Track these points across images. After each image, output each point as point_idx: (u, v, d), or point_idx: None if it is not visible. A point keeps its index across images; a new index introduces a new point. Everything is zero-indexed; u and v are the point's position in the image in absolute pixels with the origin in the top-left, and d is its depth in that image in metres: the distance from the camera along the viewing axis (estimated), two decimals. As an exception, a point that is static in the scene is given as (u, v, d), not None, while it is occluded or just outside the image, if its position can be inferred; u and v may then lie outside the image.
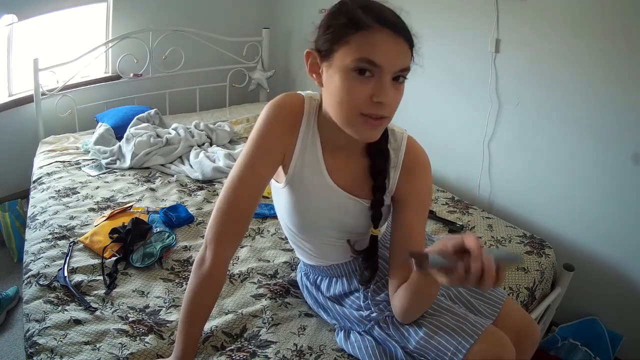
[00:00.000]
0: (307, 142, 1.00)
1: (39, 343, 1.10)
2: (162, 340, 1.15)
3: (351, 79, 0.84)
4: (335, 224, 1.07)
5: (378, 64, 0.82)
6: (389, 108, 0.85)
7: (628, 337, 1.78)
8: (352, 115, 0.86)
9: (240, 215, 0.98)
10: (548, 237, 1.85)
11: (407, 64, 0.85)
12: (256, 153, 0.96)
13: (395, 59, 0.83)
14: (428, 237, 1.32)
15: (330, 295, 1.19)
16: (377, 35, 0.81)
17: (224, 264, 1.00)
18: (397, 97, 0.86)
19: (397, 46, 0.82)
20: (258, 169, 0.97)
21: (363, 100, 0.84)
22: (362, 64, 0.82)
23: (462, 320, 1.01)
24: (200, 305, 0.99)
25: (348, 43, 0.83)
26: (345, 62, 0.83)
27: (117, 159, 2.12)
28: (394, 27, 0.81)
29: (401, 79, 0.85)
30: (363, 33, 0.82)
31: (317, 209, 1.05)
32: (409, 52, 0.84)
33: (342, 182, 1.02)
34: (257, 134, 0.96)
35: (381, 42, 0.81)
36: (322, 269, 1.19)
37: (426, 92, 2.28)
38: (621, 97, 1.64)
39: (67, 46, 2.47)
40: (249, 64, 3.00)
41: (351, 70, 0.83)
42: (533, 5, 1.81)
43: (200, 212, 1.75)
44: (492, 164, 2.13)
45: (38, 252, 1.45)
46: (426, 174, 1.03)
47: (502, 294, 1.17)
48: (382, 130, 0.90)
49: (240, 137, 2.50)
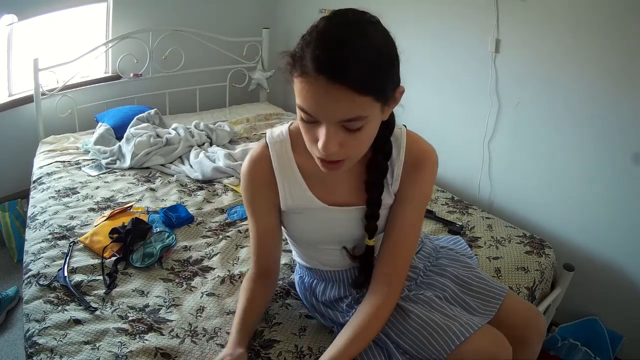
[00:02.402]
0: (289, 181, 1.02)
1: (39, 343, 1.10)
2: (161, 336, 1.15)
3: (301, 120, 0.82)
4: (334, 238, 1.09)
5: (312, 115, 0.77)
6: (340, 154, 0.81)
7: (628, 337, 1.78)
8: (311, 152, 0.87)
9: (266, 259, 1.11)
10: (548, 237, 1.85)
11: (352, 114, 0.75)
12: (252, 211, 1.07)
13: (331, 111, 0.75)
14: (425, 236, 1.31)
15: (325, 300, 1.18)
16: (312, 84, 0.74)
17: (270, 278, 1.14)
18: (349, 144, 0.79)
19: (335, 96, 0.73)
20: (260, 220, 1.07)
21: (312, 143, 0.83)
22: (301, 112, 0.79)
23: (451, 320, 1.01)
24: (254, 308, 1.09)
25: (294, 83, 0.79)
26: (296, 100, 0.80)
27: (117, 159, 2.12)
28: (333, 75, 0.71)
29: (355, 126, 0.77)
30: (301, 79, 0.76)
31: (316, 228, 1.08)
32: (356, 100, 0.74)
33: (335, 198, 1.03)
34: (245, 200, 1.07)
35: (315, 93, 0.74)
36: (319, 273, 1.19)
37: (426, 92, 2.28)
38: (621, 97, 1.64)
39: (67, 46, 2.47)
40: (249, 64, 3.00)
41: (298, 111, 0.81)
42: (533, 5, 1.81)
43: (200, 212, 1.75)
44: (492, 164, 2.13)
45: (38, 252, 1.45)
46: (429, 170, 1.00)
47: (502, 289, 1.14)
48: (346, 167, 0.86)
49: (240, 137, 2.50)
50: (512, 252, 1.62)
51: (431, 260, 1.23)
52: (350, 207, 1.03)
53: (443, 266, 1.20)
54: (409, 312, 1.04)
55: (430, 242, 1.30)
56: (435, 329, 1.00)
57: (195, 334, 1.17)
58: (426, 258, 1.23)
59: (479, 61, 2.04)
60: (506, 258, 1.58)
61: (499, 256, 1.59)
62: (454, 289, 1.13)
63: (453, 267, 1.19)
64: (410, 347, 1.02)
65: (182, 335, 1.17)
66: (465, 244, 1.44)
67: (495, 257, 1.58)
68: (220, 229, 1.66)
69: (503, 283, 1.46)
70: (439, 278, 1.16)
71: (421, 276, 1.18)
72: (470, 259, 1.35)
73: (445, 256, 1.25)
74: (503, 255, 1.59)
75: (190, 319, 1.23)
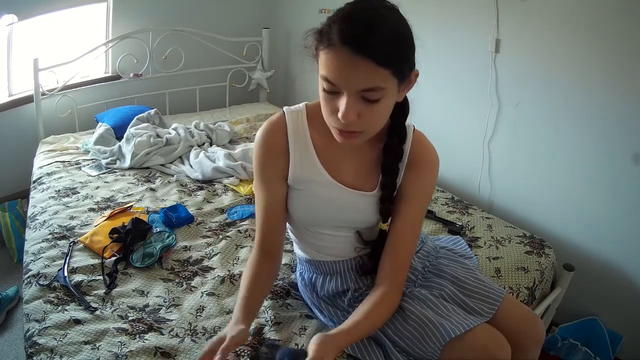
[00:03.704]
0: (300, 150, 1.04)
1: (39, 343, 1.10)
2: (161, 336, 1.15)
3: (322, 91, 0.88)
4: (341, 220, 1.09)
5: (335, 84, 0.83)
6: (357, 125, 0.86)
7: (628, 337, 1.78)
8: (329, 124, 0.92)
9: (270, 236, 1.09)
10: (548, 237, 1.85)
11: (372, 83, 0.82)
12: (261, 178, 1.07)
13: (353, 80, 0.81)
14: (426, 237, 1.31)
15: (324, 295, 1.19)
16: (337, 54, 0.81)
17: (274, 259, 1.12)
18: (367, 115, 0.85)
19: (357, 67, 0.80)
20: (268, 189, 1.06)
21: (331, 114, 0.88)
22: (325, 81, 0.85)
23: (446, 317, 1.03)
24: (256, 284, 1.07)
25: (320, 56, 0.86)
26: (320, 72, 0.86)
27: (117, 159, 2.12)
28: (358, 47, 0.79)
29: (374, 96, 0.83)
30: (326, 50, 0.83)
31: (323, 207, 1.07)
32: (376, 72, 0.81)
33: (344, 177, 1.05)
34: (255, 167, 1.07)
35: (339, 63, 0.81)
36: (319, 265, 1.19)
37: (426, 92, 2.28)
38: (621, 97, 1.64)
39: (67, 46, 2.47)
40: (249, 64, 3.00)
41: (322, 82, 0.86)
42: (533, 5, 1.81)
43: (200, 212, 1.75)
44: (492, 164, 2.13)
45: (38, 252, 1.45)
46: (431, 170, 1.05)
47: (500, 292, 1.14)
48: (361, 140, 0.92)
49: (240, 137, 2.50)
50: (512, 252, 1.62)
51: (430, 259, 1.24)
52: (356, 190, 1.05)
53: (442, 267, 1.21)
54: (405, 309, 1.06)
55: (430, 242, 1.30)
56: (428, 325, 1.01)
57: (195, 333, 1.17)
58: (425, 257, 1.23)
59: (479, 61, 2.04)
60: (506, 258, 1.58)
61: (499, 256, 1.59)
62: (452, 289, 1.14)
63: (452, 268, 1.20)
64: (406, 344, 1.03)
65: (182, 334, 1.17)
66: (465, 244, 1.44)
67: (495, 257, 1.58)
68: (220, 229, 1.66)
69: (503, 283, 1.47)
70: (437, 279, 1.17)
71: (420, 279, 1.19)
72: (470, 260, 1.35)
73: (445, 257, 1.26)
74: (503, 255, 1.60)
75: (190, 318, 1.23)
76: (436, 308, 1.06)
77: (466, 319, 1.02)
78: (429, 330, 1.01)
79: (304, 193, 1.07)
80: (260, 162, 1.06)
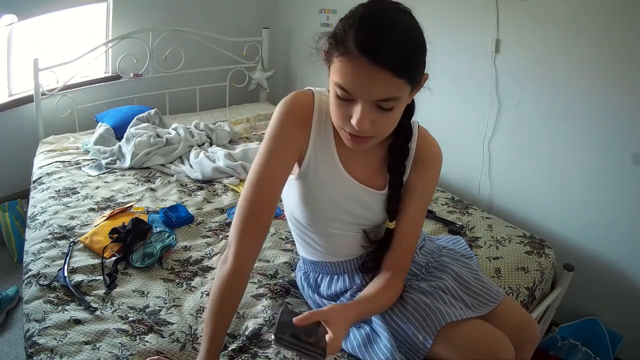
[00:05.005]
0: (320, 135, 1.02)
1: (39, 343, 1.10)
2: (162, 338, 1.15)
3: (335, 97, 0.86)
4: (347, 215, 1.08)
5: (351, 93, 0.82)
6: (370, 131, 0.86)
7: (628, 337, 1.78)
8: (338, 127, 0.91)
9: (261, 213, 0.96)
10: (548, 237, 1.85)
11: (388, 94, 0.81)
12: (273, 150, 0.97)
13: (369, 90, 0.80)
14: (427, 237, 1.32)
15: (330, 294, 1.19)
16: (354, 64, 0.79)
17: (247, 261, 0.96)
18: (381, 122, 0.85)
19: (374, 77, 0.78)
20: (275, 166, 0.97)
21: (343, 119, 0.87)
22: (339, 89, 0.83)
23: (443, 305, 1.04)
24: (224, 305, 0.94)
25: (334, 63, 0.84)
26: (333, 78, 0.85)
27: (117, 159, 2.12)
28: (375, 57, 0.77)
29: (389, 105, 0.83)
30: (342, 58, 0.81)
31: (331, 200, 1.06)
32: (392, 82, 0.79)
33: (356, 173, 1.05)
34: (272, 132, 0.97)
35: (356, 72, 0.79)
36: (325, 266, 1.19)
37: (426, 92, 2.28)
38: (621, 97, 1.64)
39: (67, 46, 2.47)
40: (249, 64, 3.00)
41: (335, 88, 0.85)
42: (533, 5, 1.81)
43: (200, 212, 1.75)
44: (492, 164, 2.13)
45: (38, 252, 1.45)
46: (437, 165, 1.07)
47: (499, 293, 1.15)
48: (372, 144, 0.91)
49: (240, 137, 2.50)
50: (512, 252, 1.62)
51: (434, 256, 1.25)
52: (367, 186, 1.05)
53: (445, 263, 1.22)
54: (404, 297, 1.08)
55: (432, 242, 1.31)
56: (426, 310, 1.03)
57: (196, 338, 1.17)
58: (429, 254, 1.24)
59: (479, 61, 2.04)
60: (506, 258, 1.58)
61: (499, 256, 1.59)
62: (452, 284, 1.14)
63: (455, 266, 1.20)
64: (403, 331, 1.04)
65: (182, 339, 1.16)
66: (465, 244, 1.44)
67: (495, 257, 1.58)
68: (220, 229, 1.66)
69: (503, 283, 1.47)
70: (439, 274, 1.18)
71: (423, 273, 1.20)
72: (470, 259, 1.35)
73: (448, 255, 1.27)
74: (503, 255, 1.60)
75: (190, 320, 1.23)
76: (434, 297, 1.08)
77: (461, 309, 1.05)
78: (425, 314, 1.03)
79: (310, 183, 1.03)
80: (278, 127, 0.96)
